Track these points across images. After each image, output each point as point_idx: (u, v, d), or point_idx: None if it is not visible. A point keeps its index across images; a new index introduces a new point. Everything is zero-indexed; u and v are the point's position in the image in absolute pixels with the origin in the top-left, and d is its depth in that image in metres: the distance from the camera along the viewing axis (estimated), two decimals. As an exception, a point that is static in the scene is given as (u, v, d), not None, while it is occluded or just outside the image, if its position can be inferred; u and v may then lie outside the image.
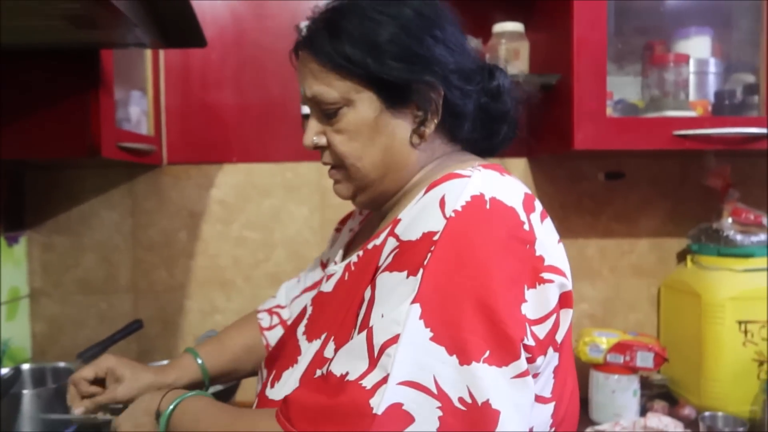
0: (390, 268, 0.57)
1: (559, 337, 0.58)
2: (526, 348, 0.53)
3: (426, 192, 0.60)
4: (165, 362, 1.27)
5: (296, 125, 1.43)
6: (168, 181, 1.41)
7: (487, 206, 0.56)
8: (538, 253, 0.57)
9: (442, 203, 0.57)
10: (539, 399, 0.58)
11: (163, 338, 1.41)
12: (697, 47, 1.32)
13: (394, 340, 0.51)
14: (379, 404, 0.49)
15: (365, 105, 0.65)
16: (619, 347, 1.25)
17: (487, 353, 0.50)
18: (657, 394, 1.36)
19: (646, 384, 1.34)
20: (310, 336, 0.67)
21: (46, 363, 1.18)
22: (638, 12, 1.40)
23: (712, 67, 1.32)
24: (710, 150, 1.24)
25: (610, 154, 1.39)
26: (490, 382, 0.50)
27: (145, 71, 1.35)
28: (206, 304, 1.42)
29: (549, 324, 0.57)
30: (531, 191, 0.62)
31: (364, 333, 0.54)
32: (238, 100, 1.42)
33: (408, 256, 0.56)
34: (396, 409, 0.49)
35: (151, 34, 0.99)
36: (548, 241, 0.58)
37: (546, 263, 0.57)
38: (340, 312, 0.63)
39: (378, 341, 0.52)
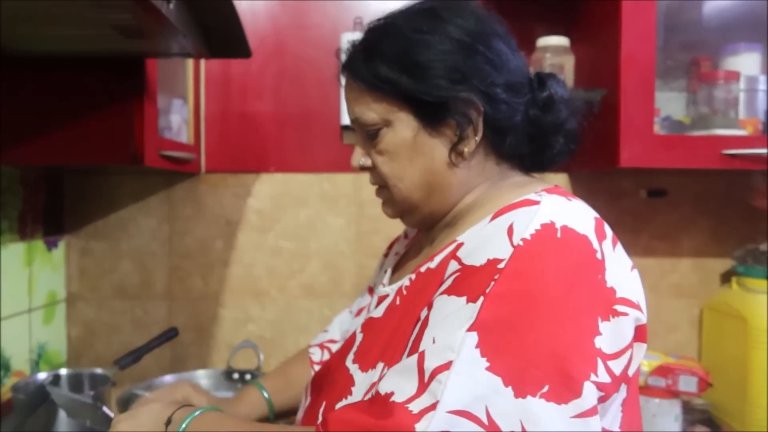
0: (449, 291, 0.55)
1: (632, 371, 0.56)
2: (600, 385, 0.51)
3: (493, 219, 0.58)
4: (201, 371, 1.28)
5: (335, 136, 1.42)
6: (205, 189, 1.41)
7: (558, 235, 0.54)
8: (609, 284, 0.54)
9: (510, 231, 0.55)
10: None
11: (197, 346, 1.41)
12: (747, 64, 1.28)
13: (447, 366, 0.49)
14: (425, 431, 0.47)
15: (402, 125, 0.65)
16: (660, 370, 1.21)
17: (546, 388, 0.48)
18: (699, 419, 1.32)
19: (687, 408, 1.30)
20: (364, 365, 0.64)
21: (83, 369, 1.18)
22: (684, 27, 1.37)
23: (763, 84, 1.28)
24: (759, 170, 1.21)
25: (652, 171, 1.36)
26: (545, 418, 0.48)
27: (187, 80, 1.36)
28: (240, 314, 1.42)
29: (624, 359, 0.54)
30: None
31: (415, 356, 0.52)
32: (276, 109, 1.42)
33: (469, 282, 0.54)
34: None
35: (198, 44, 0.99)
36: (621, 270, 0.56)
37: (618, 295, 0.54)
38: (395, 340, 0.61)
39: (429, 366, 0.50)
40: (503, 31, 0.67)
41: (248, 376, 1.26)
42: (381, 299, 0.70)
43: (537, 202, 0.57)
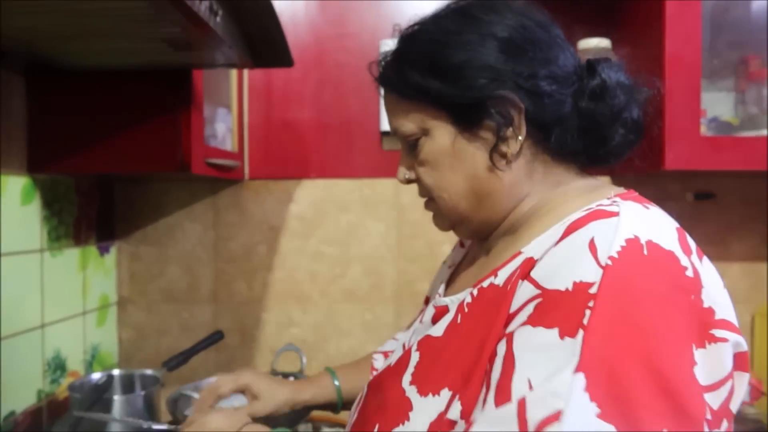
0: (533, 321, 0.49)
1: (735, 406, 0.50)
2: (708, 422, 0.46)
3: (567, 233, 0.52)
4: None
5: (375, 142, 1.44)
6: (249, 195, 1.45)
7: (645, 252, 0.48)
8: (706, 305, 0.48)
9: (592, 248, 0.49)
10: None
11: (241, 349, 1.45)
12: (798, 62, 1.24)
13: (556, 417, 0.43)
14: None
15: (440, 132, 0.62)
16: (710, 378, 1.18)
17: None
18: (751, 429, 1.27)
19: (739, 418, 1.26)
20: (424, 389, 0.58)
21: (134, 370, 1.22)
22: (732, 25, 1.34)
23: (816, 82, 1.24)
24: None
25: (699, 173, 1.33)
26: None
27: (230, 89, 1.40)
28: (283, 317, 1.44)
29: (724, 392, 0.49)
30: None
31: (513, 405, 0.46)
32: (317, 116, 1.44)
33: (557, 310, 0.48)
34: None
35: (242, 54, 1.02)
36: (716, 287, 0.50)
37: (717, 317, 0.48)
38: (459, 364, 0.56)
39: (534, 417, 0.44)
40: (545, 21, 0.62)
41: (291, 379, 1.28)
42: (439, 312, 0.65)
43: (615, 213, 0.51)
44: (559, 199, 0.60)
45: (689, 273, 0.49)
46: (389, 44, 1.37)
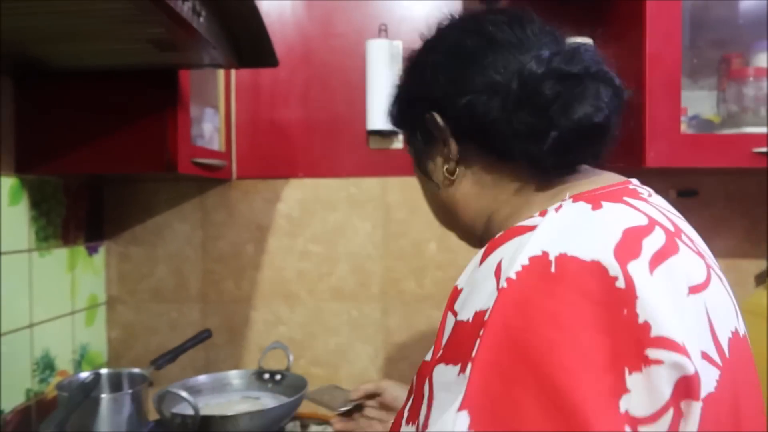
0: (444, 358, 0.46)
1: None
2: None
3: (485, 256, 0.48)
4: (233, 371, 1.32)
5: (361, 141, 1.45)
6: (237, 195, 1.46)
7: (552, 268, 0.42)
8: (641, 320, 0.40)
9: (497, 272, 0.45)
10: None
11: (230, 348, 1.46)
12: (779, 60, 1.26)
13: None
14: None
15: (413, 159, 0.67)
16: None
17: None
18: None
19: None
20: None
21: (122, 369, 1.23)
22: (714, 24, 1.36)
23: (795, 80, 1.25)
24: (793, 168, 1.18)
25: (682, 171, 1.34)
26: None
27: (218, 89, 1.41)
28: (271, 316, 1.45)
29: (664, 424, 0.40)
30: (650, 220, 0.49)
31: None
32: (305, 116, 1.45)
33: (461, 345, 0.44)
34: None
35: (227, 54, 1.03)
36: (660, 298, 0.42)
37: (653, 333, 0.40)
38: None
39: None
40: (484, 28, 0.60)
41: (278, 377, 1.29)
42: None
43: (532, 228, 0.46)
44: (514, 211, 0.58)
45: (620, 284, 0.41)
46: (376, 44, 1.39)
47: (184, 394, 1.01)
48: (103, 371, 1.20)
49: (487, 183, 0.60)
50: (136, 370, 1.20)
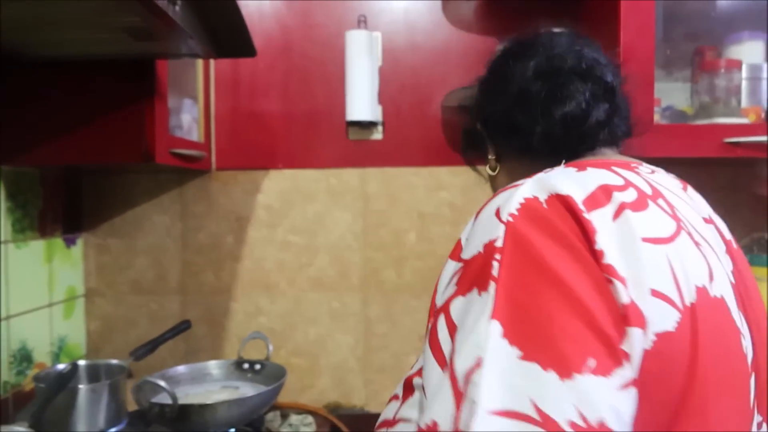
0: (461, 291, 0.51)
1: (632, 363, 0.45)
2: (626, 355, 0.44)
3: (480, 210, 0.55)
4: (212, 361, 1.33)
5: (341, 132, 1.45)
6: (216, 186, 1.45)
7: (545, 205, 0.50)
8: (598, 247, 0.47)
9: (497, 213, 0.51)
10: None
11: (210, 338, 1.46)
12: (750, 52, 1.28)
13: (478, 364, 0.44)
14: None
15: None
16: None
17: (590, 361, 0.42)
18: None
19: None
20: None
21: (100, 360, 1.23)
22: (688, 17, 1.38)
23: (766, 72, 1.28)
24: (762, 158, 1.21)
25: (656, 161, 1.36)
26: (601, 396, 0.41)
27: (197, 80, 1.40)
28: (251, 306, 1.46)
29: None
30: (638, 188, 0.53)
31: (443, 368, 0.48)
32: (284, 107, 1.45)
33: (475, 272, 0.49)
34: None
35: (204, 44, 1.03)
36: (612, 236, 0.48)
37: (604, 260, 0.46)
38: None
39: (459, 369, 0.45)
40: (509, 55, 0.74)
41: (258, 366, 1.30)
42: None
43: (519, 185, 0.53)
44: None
45: (585, 215, 0.48)
46: (355, 35, 1.40)
47: (162, 383, 1.01)
48: (81, 363, 1.19)
49: (515, 174, 0.70)
50: (114, 361, 1.20)
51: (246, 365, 1.30)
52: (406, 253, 1.45)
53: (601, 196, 0.51)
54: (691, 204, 0.59)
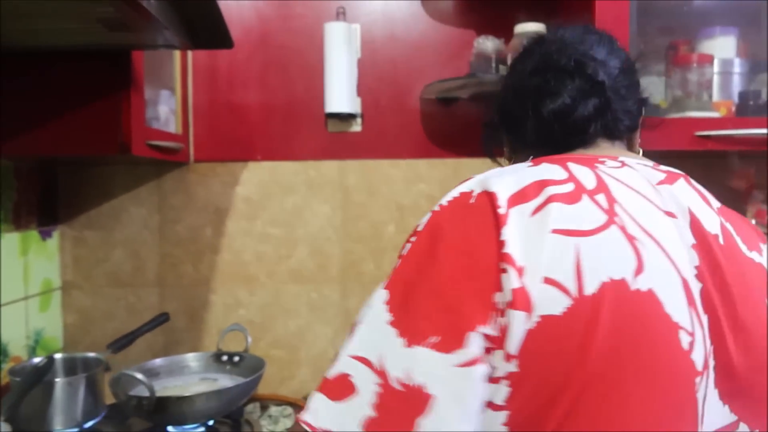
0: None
1: (512, 342, 0.50)
2: (488, 337, 0.50)
3: None
4: (191, 354, 1.32)
5: (320, 124, 1.45)
6: (194, 178, 1.45)
7: (472, 200, 0.56)
8: (502, 238, 0.52)
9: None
10: (489, 405, 0.51)
11: (189, 331, 1.45)
12: (722, 47, 1.31)
13: (361, 320, 0.55)
14: (330, 370, 0.53)
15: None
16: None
17: (433, 338, 0.50)
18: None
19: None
20: None
21: (77, 353, 1.22)
22: (662, 12, 1.40)
23: (737, 67, 1.31)
24: (734, 151, 1.24)
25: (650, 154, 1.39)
26: (428, 367, 0.50)
27: (174, 71, 1.39)
28: (230, 299, 1.46)
29: (507, 318, 0.51)
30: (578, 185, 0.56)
31: None
32: (263, 99, 1.45)
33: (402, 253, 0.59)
34: (343, 378, 0.52)
35: (181, 35, 1.02)
36: (525, 230, 0.52)
37: (504, 249, 0.51)
38: None
39: (355, 321, 0.56)
40: (523, 65, 0.74)
41: (236, 358, 1.30)
42: None
43: (470, 178, 0.59)
44: None
45: (501, 211, 0.53)
46: (333, 27, 1.39)
47: (139, 375, 1.01)
48: (57, 356, 1.19)
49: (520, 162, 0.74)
50: (92, 354, 1.19)
51: (225, 357, 1.30)
52: (385, 244, 1.46)
53: (530, 191, 0.55)
54: (657, 199, 0.58)
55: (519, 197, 0.55)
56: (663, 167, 0.65)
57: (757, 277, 0.60)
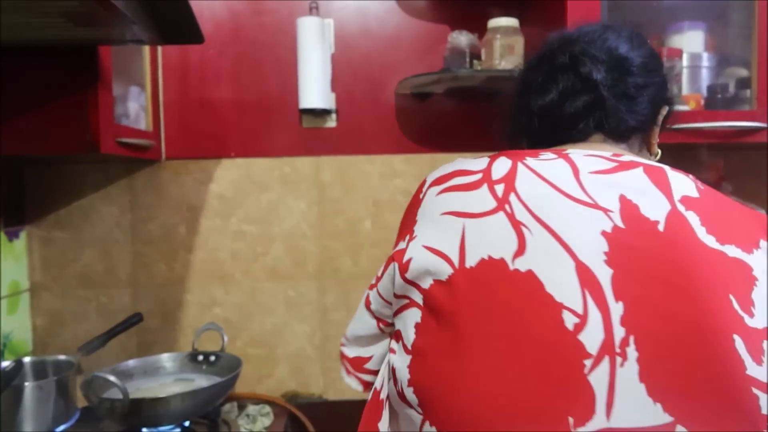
0: None
1: (397, 286, 0.63)
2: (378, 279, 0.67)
3: None
4: (165, 354, 1.30)
5: (294, 120, 1.44)
6: (167, 175, 1.42)
7: (421, 184, 0.68)
8: (416, 218, 0.64)
9: None
10: (404, 348, 0.61)
11: (163, 331, 1.43)
12: (691, 42, 1.33)
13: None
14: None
15: None
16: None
17: (373, 280, 0.68)
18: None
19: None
20: None
21: (47, 356, 1.19)
22: (632, 7, 1.41)
23: (705, 61, 1.33)
24: (703, 143, 1.26)
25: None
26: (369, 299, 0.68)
27: (144, 67, 1.36)
28: (205, 298, 1.44)
29: (397, 304, 0.64)
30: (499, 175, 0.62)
31: None
32: (235, 95, 1.43)
33: None
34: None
35: (149, 30, 1.00)
36: (429, 209, 0.64)
37: (413, 229, 0.64)
38: None
39: None
40: (535, 62, 0.76)
41: (212, 358, 1.28)
42: None
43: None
44: None
45: (421, 196, 0.65)
46: (306, 22, 1.38)
47: (111, 378, 0.99)
48: (26, 359, 1.16)
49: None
50: (62, 357, 1.17)
51: (201, 357, 1.28)
52: (362, 240, 1.45)
53: (445, 178, 0.65)
54: (574, 188, 0.59)
55: (436, 182, 0.65)
56: (626, 157, 0.63)
57: (726, 270, 0.55)
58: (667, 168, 0.63)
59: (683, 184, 0.60)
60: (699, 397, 0.52)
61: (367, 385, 0.72)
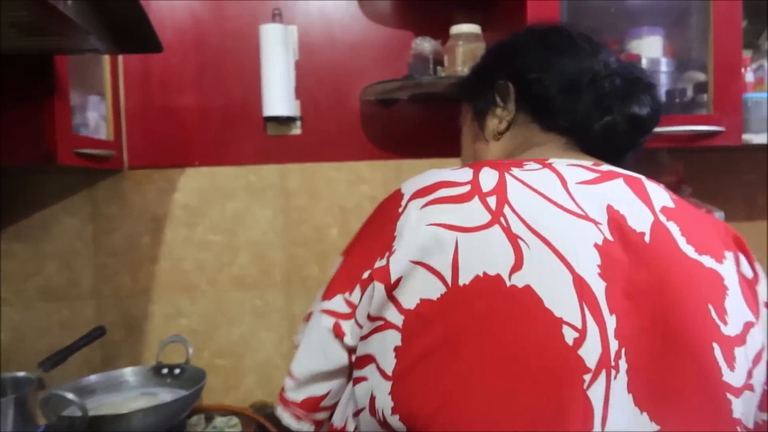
0: None
1: (372, 307, 0.57)
2: (349, 303, 0.61)
3: None
4: (129, 368, 1.28)
5: (258, 127, 1.43)
6: (129, 185, 1.40)
7: (396, 194, 0.63)
8: (395, 233, 0.59)
9: None
10: (383, 374, 0.56)
11: (128, 344, 1.41)
12: (650, 47, 1.35)
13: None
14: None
15: (466, 117, 0.84)
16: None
17: (339, 291, 0.61)
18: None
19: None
20: None
21: (4, 373, 1.16)
22: (591, 12, 1.43)
23: (664, 66, 1.35)
24: (663, 147, 1.28)
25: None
26: (326, 306, 0.62)
27: (103, 75, 1.34)
28: (171, 309, 1.42)
29: (366, 294, 0.60)
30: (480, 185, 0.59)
31: None
32: (198, 103, 1.41)
33: None
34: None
35: (106, 40, 0.99)
36: (410, 223, 0.58)
37: (392, 244, 0.58)
38: None
39: None
40: (569, 33, 0.75)
41: (177, 371, 1.26)
42: None
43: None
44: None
45: (399, 209, 0.60)
46: (270, 29, 1.37)
47: (69, 395, 0.97)
48: (-17, 377, 1.13)
49: (519, 144, 0.74)
50: (21, 373, 1.14)
51: (165, 370, 1.26)
52: (329, 248, 1.44)
53: (427, 190, 0.60)
54: (564, 199, 0.58)
55: (417, 194, 0.60)
56: (605, 167, 0.64)
57: (703, 280, 0.58)
58: (643, 178, 0.65)
59: (660, 194, 0.63)
60: (682, 405, 0.54)
61: (319, 424, 0.65)
